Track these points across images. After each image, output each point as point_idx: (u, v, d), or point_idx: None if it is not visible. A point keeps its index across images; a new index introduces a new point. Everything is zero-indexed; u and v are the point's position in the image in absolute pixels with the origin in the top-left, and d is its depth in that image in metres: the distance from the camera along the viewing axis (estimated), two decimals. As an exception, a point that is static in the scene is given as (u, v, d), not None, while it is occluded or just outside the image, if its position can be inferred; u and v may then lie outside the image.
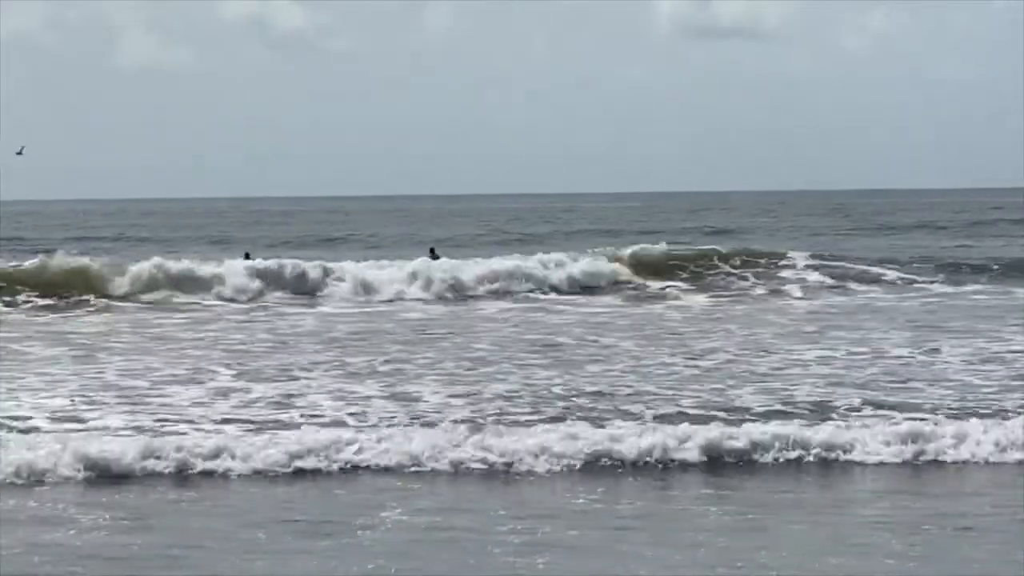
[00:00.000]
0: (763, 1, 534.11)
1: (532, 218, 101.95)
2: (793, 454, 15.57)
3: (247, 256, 43.56)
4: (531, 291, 36.87)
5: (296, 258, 39.68)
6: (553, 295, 36.39)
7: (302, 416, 17.42)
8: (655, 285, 37.89)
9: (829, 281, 38.45)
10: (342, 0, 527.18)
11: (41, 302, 33.76)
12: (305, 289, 36.94)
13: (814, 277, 38.99)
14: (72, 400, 18.44)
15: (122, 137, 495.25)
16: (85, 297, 34.62)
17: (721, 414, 17.26)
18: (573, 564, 11.42)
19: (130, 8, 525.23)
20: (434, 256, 46.08)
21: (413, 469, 14.97)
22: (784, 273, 39.66)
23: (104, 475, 14.56)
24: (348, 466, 15.02)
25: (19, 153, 49.51)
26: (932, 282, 38.73)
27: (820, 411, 17.67)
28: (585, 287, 37.69)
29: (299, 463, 14.96)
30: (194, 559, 11.61)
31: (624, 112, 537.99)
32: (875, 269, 40.37)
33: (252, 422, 17.10)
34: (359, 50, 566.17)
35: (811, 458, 15.54)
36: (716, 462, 15.38)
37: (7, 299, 33.63)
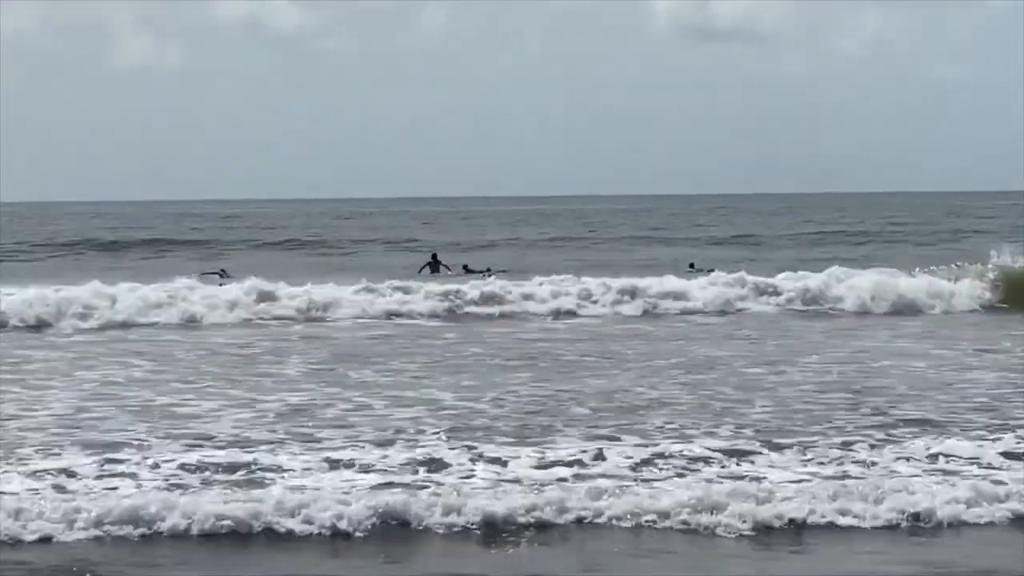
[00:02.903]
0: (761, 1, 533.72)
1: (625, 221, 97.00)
2: None
3: (223, 272, 39.94)
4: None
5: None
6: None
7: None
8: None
9: None
10: (339, 0, 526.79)
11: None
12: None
13: None
14: None
15: (120, 137, 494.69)
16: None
17: None
18: None
19: (126, 8, 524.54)
20: (436, 262, 43.27)
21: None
22: None
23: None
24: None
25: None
26: None
27: None
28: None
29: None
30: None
31: (620, 113, 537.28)
32: None
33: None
34: (355, 50, 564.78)
35: None
36: None
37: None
